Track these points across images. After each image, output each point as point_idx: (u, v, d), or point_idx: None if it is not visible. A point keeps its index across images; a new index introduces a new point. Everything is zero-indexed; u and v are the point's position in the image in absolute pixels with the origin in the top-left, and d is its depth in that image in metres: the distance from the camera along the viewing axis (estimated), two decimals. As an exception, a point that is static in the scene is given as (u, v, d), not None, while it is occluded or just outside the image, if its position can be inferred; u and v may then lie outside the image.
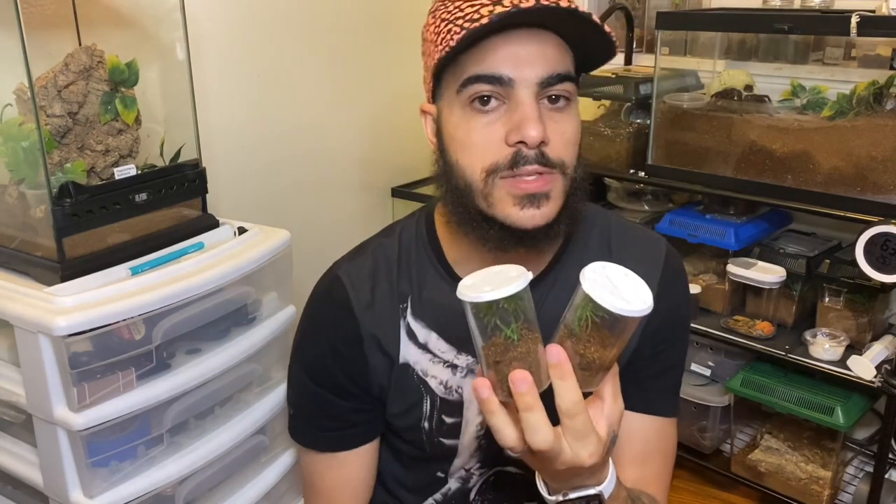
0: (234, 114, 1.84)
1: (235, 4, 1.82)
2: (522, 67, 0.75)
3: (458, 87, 0.77)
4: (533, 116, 0.75)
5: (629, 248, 0.92)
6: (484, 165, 0.77)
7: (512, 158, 0.76)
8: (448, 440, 0.92)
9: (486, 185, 0.78)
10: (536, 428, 0.63)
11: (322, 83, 2.08)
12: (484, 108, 0.77)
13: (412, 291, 0.90)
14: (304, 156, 2.06)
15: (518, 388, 0.62)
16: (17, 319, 1.09)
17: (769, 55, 1.86)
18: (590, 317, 0.62)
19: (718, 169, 1.75)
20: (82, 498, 1.13)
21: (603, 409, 0.68)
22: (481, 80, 0.76)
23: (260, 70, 1.90)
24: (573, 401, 0.63)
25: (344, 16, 2.08)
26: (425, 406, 0.91)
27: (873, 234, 1.44)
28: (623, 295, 0.62)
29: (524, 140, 0.75)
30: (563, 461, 0.65)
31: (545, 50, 0.76)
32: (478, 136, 0.77)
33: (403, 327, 0.90)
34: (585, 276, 0.63)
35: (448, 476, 0.96)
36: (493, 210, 0.79)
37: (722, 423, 1.95)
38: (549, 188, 0.77)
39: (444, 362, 0.90)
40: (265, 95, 1.93)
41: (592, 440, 0.65)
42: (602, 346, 0.64)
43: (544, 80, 0.75)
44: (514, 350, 0.64)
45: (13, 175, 1.22)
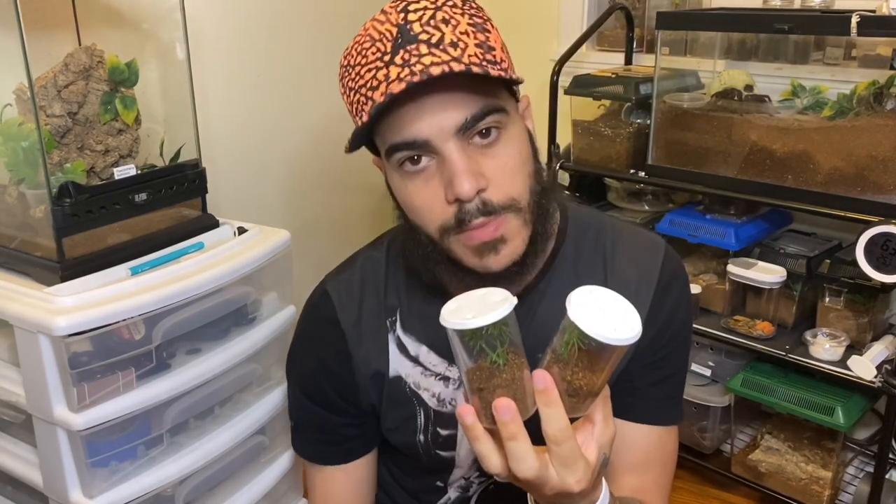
0: (234, 114, 1.84)
1: (235, 4, 1.82)
2: (436, 123, 0.72)
3: (385, 155, 0.77)
4: (460, 170, 0.72)
5: (625, 251, 0.90)
6: (434, 226, 0.76)
7: (455, 218, 0.74)
8: (445, 452, 0.92)
9: (445, 243, 0.77)
10: (521, 457, 0.62)
11: (322, 83, 2.07)
12: (416, 169, 0.75)
13: (401, 305, 0.89)
14: (304, 156, 2.06)
15: (501, 416, 0.61)
16: (17, 319, 1.09)
17: (769, 55, 1.86)
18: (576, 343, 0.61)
19: (719, 169, 1.75)
20: (82, 498, 1.13)
21: (593, 433, 0.66)
22: (401, 148, 0.74)
23: (260, 70, 1.90)
24: (560, 427, 0.62)
25: (344, 16, 2.08)
26: (420, 419, 0.90)
27: (873, 234, 1.44)
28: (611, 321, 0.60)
29: (459, 197, 0.72)
30: (550, 487, 0.64)
31: (456, 96, 0.72)
32: (419, 199, 0.76)
33: (393, 341, 0.89)
34: (572, 301, 0.61)
35: (447, 486, 0.95)
36: (459, 258, 0.78)
37: (722, 423, 1.95)
38: (500, 233, 0.75)
39: (436, 375, 0.89)
40: (265, 95, 1.93)
41: (580, 466, 0.64)
42: (590, 373, 0.63)
43: (461, 125, 0.72)
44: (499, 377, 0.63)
45: (13, 175, 1.22)
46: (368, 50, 0.74)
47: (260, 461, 1.40)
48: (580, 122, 2.00)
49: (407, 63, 0.71)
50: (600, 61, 2.20)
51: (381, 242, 0.95)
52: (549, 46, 2.27)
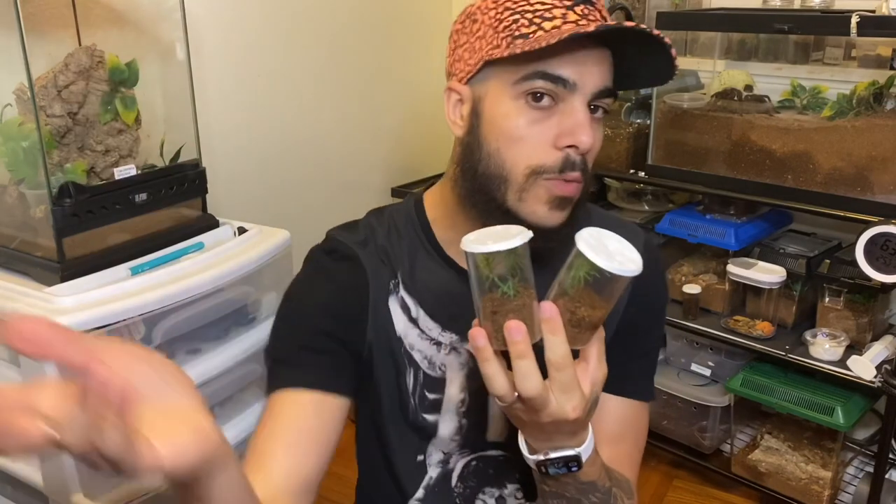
0: (234, 114, 1.85)
1: (235, 4, 1.82)
2: (585, 75, 0.77)
3: (518, 79, 0.79)
4: (586, 123, 0.78)
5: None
6: (530, 163, 0.79)
7: (562, 162, 0.79)
8: (430, 415, 0.93)
9: (527, 182, 0.80)
10: (527, 375, 0.66)
11: (322, 83, 2.08)
12: (538, 105, 0.78)
13: (402, 267, 0.91)
14: (304, 156, 2.06)
15: (513, 336, 0.66)
16: (17, 319, 1.09)
17: (769, 55, 1.86)
18: (583, 276, 0.66)
19: (718, 169, 1.75)
20: (82, 498, 1.13)
21: (588, 370, 0.71)
22: (546, 78, 0.77)
23: (260, 70, 1.90)
24: (562, 354, 0.67)
25: (344, 16, 2.08)
26: (409, 378, 0.92)
27: (873, 234, 1.44)
28: (615, 257, 0.66)
29: (576, 145, 0.77)
30: (548, 412, 0.68)
31: (604, 66, 0.79)
32: (527, 131, 0.79)
33: (395, 301, 0.91)
34: (581, 237, 0.67)
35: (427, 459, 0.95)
36: (520, 205, 0.81)
37: (722, 423, 1.95)
38: (579, 194, 0.81)
39: (430, 339, 0.91)
40: (265, 95, 1.93)
41: (577, 394, 0.68)
42: (592, 306, 0.68)
43: (598, 91, 0.79)
44: (511, 303, 0.67)
45: (13, 175, 1.22)
46: None
47: (260, 461, 1.40)
48: (580, 122, 2.00)
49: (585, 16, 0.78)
50: (600, 61, 2.20)
51: (381, 212, 0.97)
52: (549, 46, 2.27)
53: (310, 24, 2.00)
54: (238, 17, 1.83)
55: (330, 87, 2.10)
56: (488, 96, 0.82)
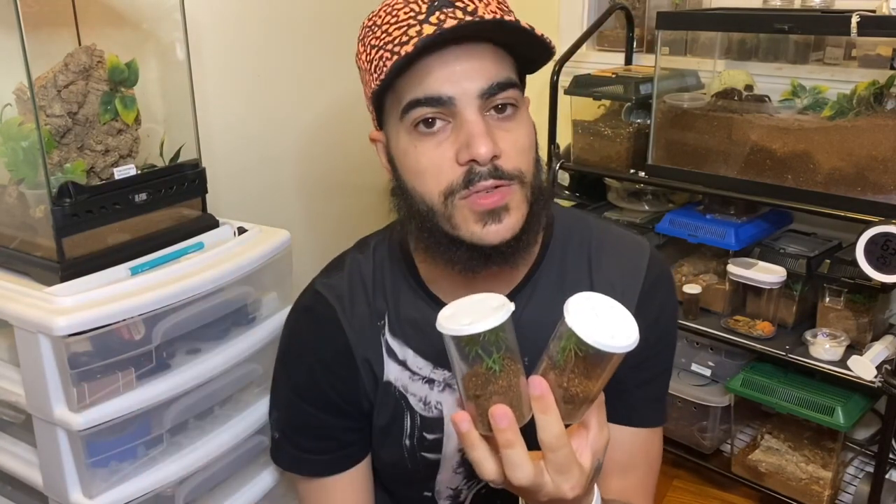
0: (233, 114, 1.84)
1: (235, 4, 1.82)
2: (461, 83, 0.73)
3: (401, 114, 0.76)
4: (480, 132, 0.73)
5: (610, 254, 0.90)
6: (440, 189, 0.76)
7: (465, 177, 0.74)
8: (430, 454, 0.91)
9: (447, 208, 0.76)
10: (517, 464, 0.62)
11: (322, 83, 2.08)
12: (430, 131, 0.75)
13: (388, 308, 0.89)
14: (304, 156, 2.06)
15: (498, 423, 0.61)
16: (17, 319, 1.09)
17: (769, 55, 1.86)
18: (573, 350, 0.61)
19: (719, 169, 1.75)
20: (82, 498, 1.13)
21: (588, 439, 0.67)
22: (421, 104, 0.74)
23: (260, 70, 1.90)
24: (555, 434, 0.62)
25: (344, 16, 2.08)
26: (406, 423, 0.90)
27: (874, 234, 1.44)
28: (608, 329, 0.60)
29: (475, 158, 0.73)
30: (545, 493, 0.64)
31: (482, 62, 0.74)
32: (428, 160, 0.76)
33: (383, 344, 0.89)
34: (569, 308, 0.61)
35: (435, 495, 0.95)
36: (457, 231, 0.77)
37: (722, 423, 1.95)
38: (506, 201, 0.76)
39: (423, 378, 0.89)
40: (265, 95, 1.93)
41: (575, 473, 0.64)
42: (586, 379, 0.63)
43: (485, 91, 0.74)
44: (495, 383, 0.62)
45: (13, 175, 1.22)
46: (401, 10, 0.75)
47: (260, 461, 1.40)
48: (580, 122, 2.00)
49: (441, 24, 0.72)
50: (600, 61, 2.20)
51: (366, 245, 0.94)
52: (549, 46, 2.27)
53: (310, 23, 2.00)
54: (238, 17, 1.83)
55: (330, 87, 2.10)
56: (391, 138, 0.80)
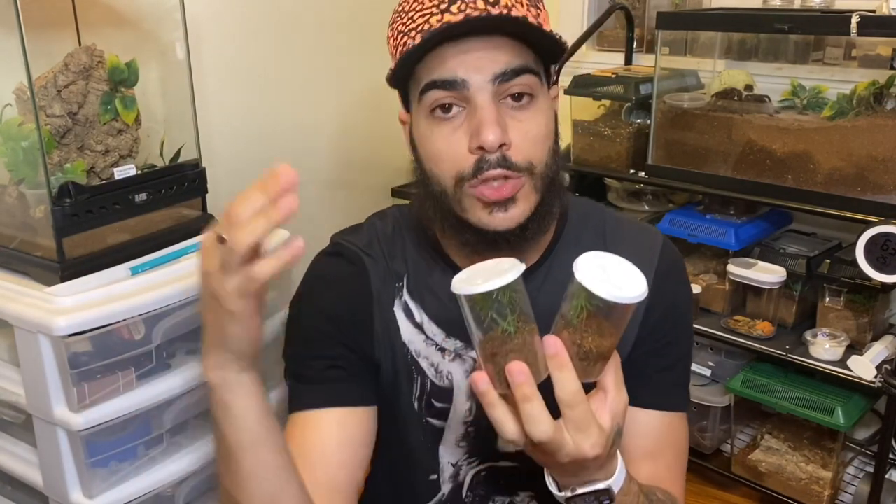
0: (234, 114, 1.84)
1: (235, 4, 1.82)
2: (475, 67, 0.75)
3: (419, 97, 0.78)
4: (489, 119, 0.74)
5: (624, 241, 0.92)
6: (452, 174, 0.78)
7: (475, 166, 0.76)
8: (436, 421, 0.92)
9: (458, 193, 0.79)
10: (535, 419, 0.63)
11: (322, 83, 2.08)
12: (446, 116, 0.77)
13: (408, 271, 0.91)
14: (304, 156, 2.06)
15: (515, 378, 0.62)
16: (17, 319, 1.09)
17: (769, 55, 1.86)
18: (585, 306, 0.62)
19: (719, 169, 1.75)
20: (82, 498, 1.13)
21: (606, 401, 0.67)
22: (436, 87, 0.76)
23: (260, 70, 1.90)
24: (572, 391, 0.63)
25: (344, 16, 2.08)
26: (416, 386, 0.91)
27: (873, 234, 1.44)
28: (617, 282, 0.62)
29: (482, 145, 0.74)
30: (566, 453, 0.65)
31: (497, 50, 0.76)
32: (443, 144, 0.78)
33: (400, 306, 0.90)
34: (578, 266, 0.63)
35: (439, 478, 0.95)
36: (466, 215, 0.79)
37: (722, 423, 1.95)
38: (513, 193, 0.77)
39: (436, 345, 0.90)
40: (265, 95, 1.93)
41: (594, 431, 0.64)
42: (599, 336, 0.64)
43: (498, 75, 0.75)
44: (511, 342, 0.64)
45: (13, 175, 1.22)
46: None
47: (260, 461, 1.40)
48: (580, 122, 2.00)
49: (462, 11, 0.74)
50: (600, 61, 2.20)
51: (384, 214, 0.97)
52: (549, 46, 2.27)
53: (310, 23, 2.00)
54: (238, 17, 1.83)
55: (330, 87, 2.10)
56: (414, 120, 0.82)
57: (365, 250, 0.91)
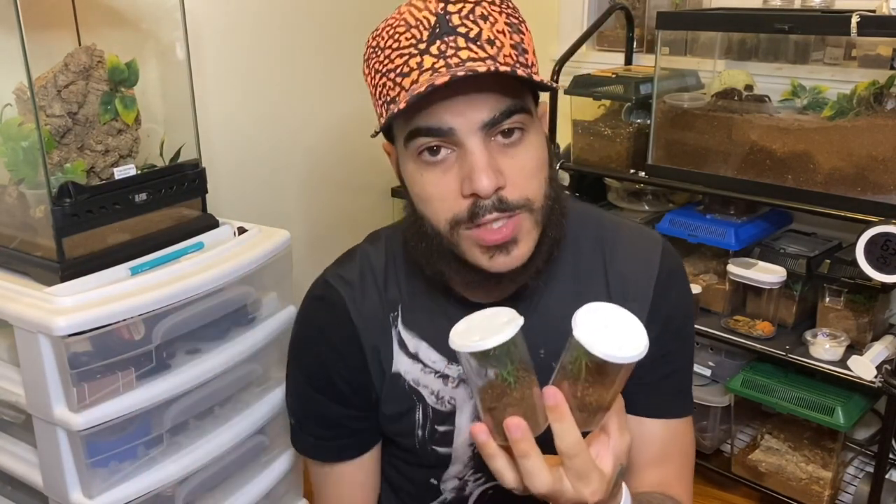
0: (234, 114, 1.84)
1: (235, 4, 1.82)
2: (463, 114, 0.72)
3: (405, 140, 0.76)
4: (481, 166, 0.71)
5: (624, 247, 0.91)
6: (446, 217, 0.75)
7: (470, 211, 0.73)
8: (441, 448, 0.91)
9: (453, 237, 0.76)
10: (534, 473, 0.64)
11: (322, 83, 2.08)
12: (434, 160, 0.74)
13: (402, 300, 0.89)
14: (304, 156, 2.06)
15: (513, 434, 0.62)
16: (17, 319, 1.09)
17: (769, 55, 1.86)
18: (583, 361, 0.62)
19: (719, 169, 1.75)
20: (82, 498, 1.13)
21: (609, 444, 0.67)
22: (423, 134, 0.73)
23: (260, 70, 1.90)
24: (572, 442, 0.63)
25: (344, 16, 2.08)
26: (418, 415, 0.90)
27: (874, 234, 1.44)
28: (616, 339, 0.61)
29: (476, 192, 0.72)
30: (566, 500, 0.65)
31: (486, 93, 0.73)
32: (433, 189, 0.75)
33: (395, 336, 0.89)
34: (577, 321, 0.62)
35: (441, 483, 0.95)
36: (464, 255, 0.77)
37: (722, 423, 1.95)
38: (514, 234, 0.75)
39: (436, 372, 0.89)
40: (265, 95, 1.93)
41: (594, 478, 0.65)
42: (599, 388, 0.64)
43: (488, 122, 0.72)
44: (510, 395, 0.64)
45: (13, 175, 1.22)
46: (402, 35, 0.74)
47: (260, 461, 1.40)
48: (580, 122, 2.00)
49: (443, 54, 0.71)
50: (600, 61, 2.20)
51: (378, 238, 0.95)
52: (549, 46, 2.27)
53: (310, 23, 2.00)
54: (238, 17, 1.83)
55: (330, 87, 2.10)
56: (400, 158, 0.80)
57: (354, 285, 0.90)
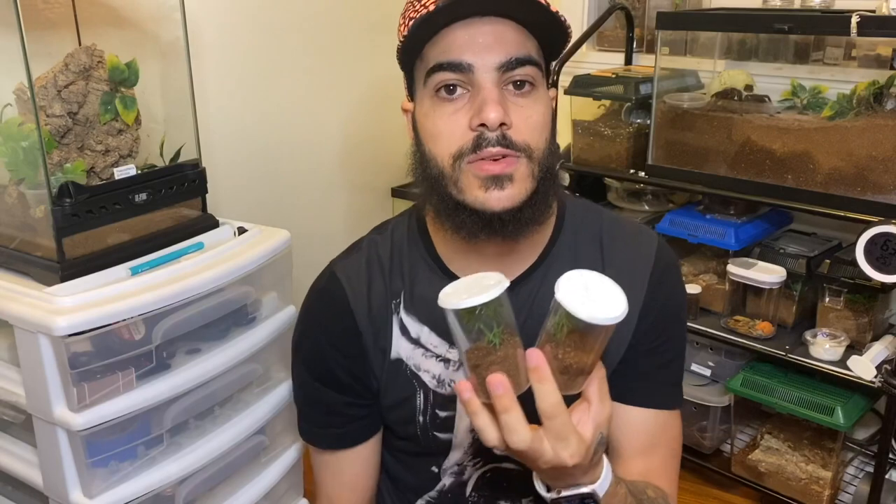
0: (233, 114, 1.84)
1: (235, 4, 1.82)
2: (481, 53, 0.77)
3: (425, 78, 0.80)
4: (491, 98, 0.77)
5: (621, 242, 0.94)
6: (451, 151, 0.80)
7: (474, 142, 0.78)
8: (442, 434, 0.93)
9: (454, 171, 0.80)
10: (513, 428, 0.65)
11: (322, 83, 2.08)
12: (450, 97, 0.79)
13: (404, 287, 0.92)
14: (304, 156, 2.06)
15: (494, 390, 0.65)
16: (17, 319, 1.09)
17: (769, 55, 1.86)
18: (565, 323, 0.64)
19: (719, 169, 1.75)
20: (82, 498, 1.13)
21: (590, 412, 0.70)
22: (443, 69, 0.78)
23: (260, 70, 1.90)
24: (552, 403, 0.65)
25: (344, 16, 2.08)
26: (419, 400, 0.92)
27: (873, 234, 1.44)
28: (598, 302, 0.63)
29: (484, 122, 0.77)
30: (545, 461, 0.67)
31: (503, 35, 0.78)
32: (444, 123, 0.80)
33: (396, 323, 0.91)
34: (560, 285, 0.65)
35: (441, 472, 0.96)
36: (462, 195, 0.81)
37: (722, 423, 1.95)
38: (511, 170, 0.79)
39: (437, 356, 0.91)
40: (265, 95, 1.93)
41: (573, 441, 0.67)
42: (580, 351, 0.66)
43: (503, 63, 0.77)
44: (494, 354, 0.66)
45: (13, 175, 1.22)
46: None
47: (260, 461, 1.40)
48: (580, 122, 2.00)
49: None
50: (600, 61, 2.20)
51: (384, 228, 0.98)
52: (549, 46, 2.27)
53: (310, 24, 2.00)
54: (238, 17, 1.83)
55: (330, 87, 2.10)
56: (418, 104, 0.85)
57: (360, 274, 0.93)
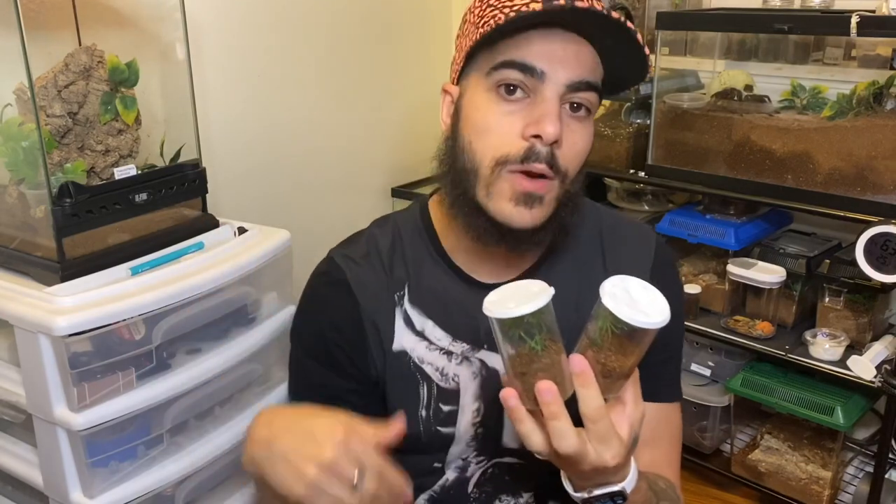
0: (234, 114, 1.84)
1: (235, 4, 1.82)
2: (556, 65, 0.77)
3: (490, 70, 0.79)
4: (553, 113, 0.76)
5: (621, 240, 0.95)
6: (495, 154, 0.79)
7: (525, 152, 0.77)
8: (445, 428, 0.92)
9: (492, 175, 0.79)
10: (563, 434, 0.66)
11: (322, 83, 2.08)
12: (508, 97, 0.78)
13: (409, 279, 0.91)
14: (304, 156, 2.06)
15: (544, 398, 0.66)
16: (17, 319, 1.09)
17: (769, 55, 1.86)
18: (610, 328, 0.66)
19: (718, 169, 1.75)
20: (82, 498, 1.13)
21: (625, 413, 0.71)
22: (514, 67, 0.77)
23: (260, 70, 1.90)
24: (596, 407, 0.67)
25: (344, 16, 2.08)
26: (422, 393, 0.91)
27: (873, 234, 1.44)
28: (641, 307, 0.65)
29: (541, 134, 0.76)
30: (588, 462, 0.68)
31: (581, 55, 0.78)
32: (496, 122, 0.79)
33: (400, 314, 0.91)
34: (605, 290, 0.66)
35: (445, 466, 0.96)
36: (488, 200, 0.80)
37: (722, 423, 1.95)
38: (543, 192, 0.79)
39: (440, 349, 0.91)
40: (265, 95, 1.93)
41: (615, 443, 0.68)
42: (622, 356, 0.67)
43: (573, 83, 0.77)
44: (539, 361, 0.67)
45: (13, 175, 1.22)
46: None
47: (260, 461, 1.40)
48: (580, 122, 2.00)
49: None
50: (600, 61, 2.20)
51: (385, 221, 0.97)
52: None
53: (310, 24, 2.00)
54: (238, 17, 1.83)
55: (330, 87, 2.10)
56: (468, 91, 0.83)
57: (359, 263, 0.92)
